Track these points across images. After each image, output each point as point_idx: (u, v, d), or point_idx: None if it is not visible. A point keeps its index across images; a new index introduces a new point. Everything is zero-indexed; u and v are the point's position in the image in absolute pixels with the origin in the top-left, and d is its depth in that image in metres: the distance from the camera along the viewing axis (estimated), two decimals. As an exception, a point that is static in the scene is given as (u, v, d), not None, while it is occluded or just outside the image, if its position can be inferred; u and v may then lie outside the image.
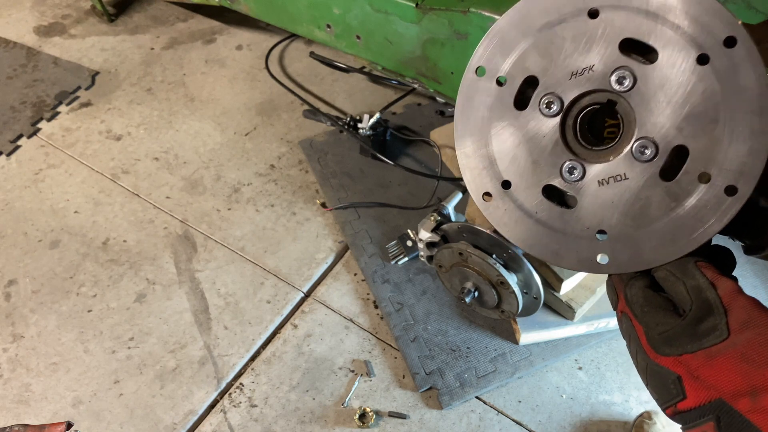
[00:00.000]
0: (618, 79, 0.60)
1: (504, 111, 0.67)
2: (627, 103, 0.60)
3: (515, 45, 0.64)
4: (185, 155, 1.75)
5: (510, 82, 0.65)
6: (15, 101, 1.91)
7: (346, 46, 1.29)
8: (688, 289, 0.53)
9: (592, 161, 0.63)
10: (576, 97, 0.63)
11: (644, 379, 0.57)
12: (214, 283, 1.47)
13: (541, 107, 0.64)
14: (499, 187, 0.69)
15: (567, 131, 0.64)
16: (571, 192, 0.64)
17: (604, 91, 0.61)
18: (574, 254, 0.65)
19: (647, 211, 0.61)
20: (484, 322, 1.34)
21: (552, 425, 1.22)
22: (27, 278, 1.50)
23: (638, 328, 0.56)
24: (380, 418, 1.24)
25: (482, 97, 0.68)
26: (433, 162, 1.65)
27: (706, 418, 0.49)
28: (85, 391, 1.31)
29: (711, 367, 0.49)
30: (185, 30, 2.13)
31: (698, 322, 0.50)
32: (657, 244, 0.60)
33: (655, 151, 0.59)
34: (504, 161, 0.68)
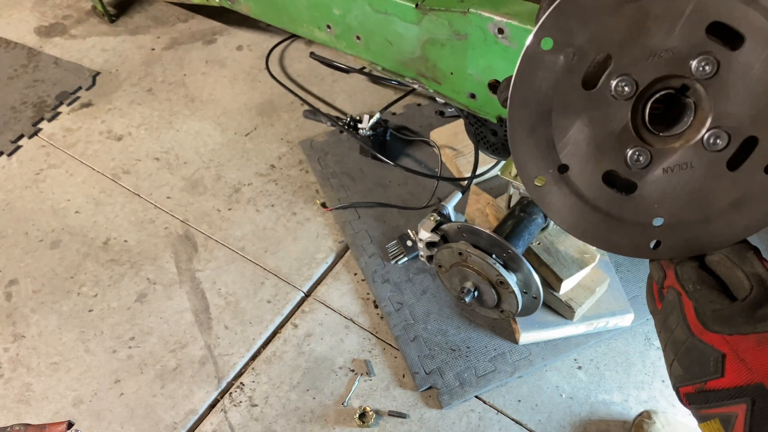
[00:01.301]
0: (699, 65, 0.55)
1: (570, 89, 0.60)
2: (703, 90, 0.57)
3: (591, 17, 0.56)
4: (186, 155, 1.75)
5: (581, 59, 0.58)
6: (16, 101, 1.91)
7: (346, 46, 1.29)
8: (747, 275, 0.54)
9: (660, 148, 0.60)
10: (652, 81, 0.58)
11: (673, 353, 0.57)
12: (214, 283, 1.47)
13: (613, 89, 0.59)
14: (555, 172, 0.64)
15: (636, 116, 0.60)
16: (633, 179, 0.61)
17: (681, 77, 0.57)
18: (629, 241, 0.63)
19: (709, 201, 0.59)
20: (483, 322, 1.35)
21: (551, 425, 1.23)
22: (28, 278, 1.50)
23: (687, 303, 0.56)
24: (380, 417, 1.24)
25: (546, 72, 0.59)
26: (433, 162, 1.66)
27: (740, 400, 0.49)
28: (86, 390, 1.31)
29: (760, 352, 0.49)
30: (186, 30, 2.13)
31: (757, 307, 0.51)
32: (714, 231, 0.59)
33: (728, 140, 0.57)
34: (565, 145, 0.62)
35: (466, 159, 1.60)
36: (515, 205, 1.23)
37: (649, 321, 1.36)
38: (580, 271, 1.25)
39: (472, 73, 1.10)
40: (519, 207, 1.21)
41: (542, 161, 0.64)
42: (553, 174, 0.64)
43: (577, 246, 1.28)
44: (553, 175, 0.64)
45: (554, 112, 0.61)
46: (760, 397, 0.48)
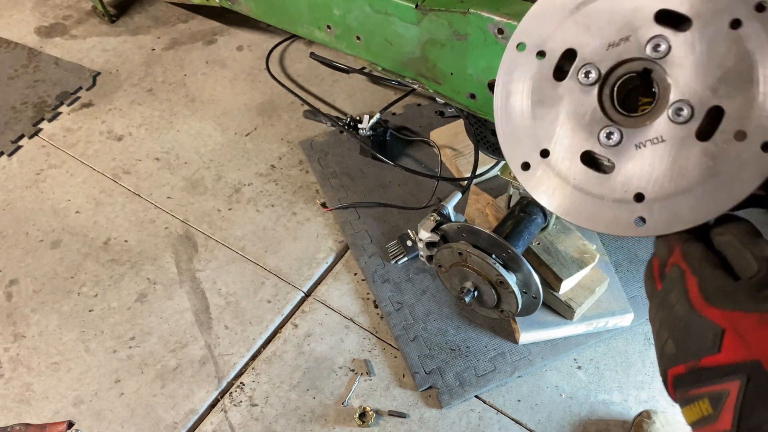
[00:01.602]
0: (653, 47, 0.62)
1: (544, 82, 0.69)
2: (662, 70, 0.62)
3: (554, 21, 0.68)
4: (186, 155, 1.75)
5: (549, 56, 0.69)
6: (16, 102, 1.92)
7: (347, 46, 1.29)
8: (756, 257, 0.53)
9: (629, 126, 0.65)
10: (613, 66, 0.65)
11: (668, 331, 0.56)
12: (214, 283, 1.47)
13: (580, 77, 0.67)
14: (538, 156, 0.71)
15: (605, 99, 0.67)
16: (609, 156, 0.66)
17: (640, 59, 0.64)
18: (612, 218, 0.66)
19: (685, 172, 0.62)
20: (483, 322, 1.35)
21: (551, 424, 1.23)
22: (28, 278, 1.50)
23: (691, 279, 0.55)
24: (380, 417, 1.24)
25: (523, 69, 0.70)
26: (433, 162, 1.66)
27: (734, 377, 0.48)
28: (86, 390, 1.31)
29: (761, 331, 0.48)
30: (186, 31, 2.14)
31: (762, 287, 0.50)
32: (695, 203, 0.61)
33: (691, 112, 0.61)
34: (544, 131, 0.70)
35: (466, 159, 1.60)
36: (515, 205, 1.23)
37: (648, 321, 1.36)
38: (579, 271, 1.25)
39: (472, 73, 1.11)
40: (519, 207, 1.21)
41: (527, 147, 0.72)
42: (537, 159, 0.71)
43: (577, 246, 1.28)
44: (536, 159, 0.71)
45: (533, 104, 0.71)
46: (755, 375, 0.47)
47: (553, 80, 0.69)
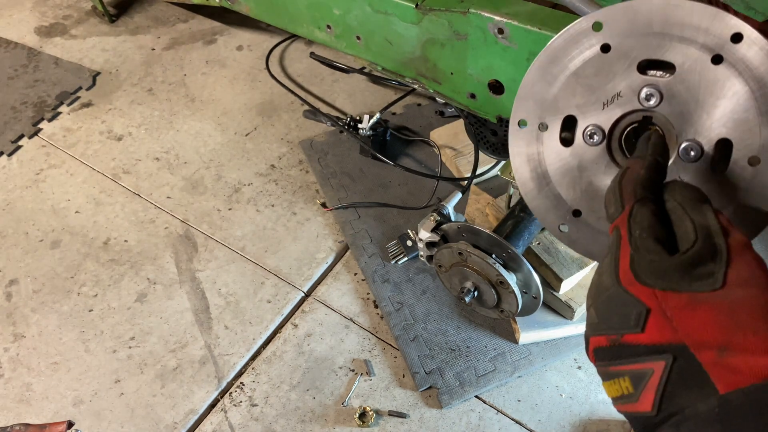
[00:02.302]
0: (646, 97, 0.65)
1: (554, 152, 0.73)
2: (662, 115, 0.65)
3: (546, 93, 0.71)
4: (186, 155, 1.75)
5: (552, 126, 0.72)
6: (16, 101, 1.92)
7: (346, 46, 1.29)
8: (696, 226, 0.49)
9: None
10: (614, 123, 0.68)
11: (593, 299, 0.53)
12: (214, 283, 1.47)
13: (586, 139, 0.70)
14: (571, 217, 0.74)
15: (615, 153, 0.70)
16: None
17: (637, 111, 0.67)
18: None
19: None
20: (483, 322, 1.35)
21: (551, 424, 1.23)
22: (28, 278, 1.50)
23: (624, 249, 0.51)
24: (380, 417, 1.24)
25: (531, 144, 0.74)
26: (433, 162, 1.66)
27: (658, 357, 0.46)
28: (86, 390, 1.31)
29: (689, 312, 0.46)
30: (186, 30, 2.14)
31: (696, 264, 0.47)
32: None
33: (700, 149, 0.64)
34: (568, 193, 0.74)
35: (466, 159, 1.60)
36: (515, 205, 1.23)
37: (648, 321, 1.36)
38: (579, 271, 1.25)
39: (472, 73, 1.11)
40: (519, 207, 1.21)
41: (557, 211, 0.75)
42: (570, 219, 0.75)
43: (577, 246, 1.28)
44: (570, 220, 0.75)
45: (550, 173, 0.74)
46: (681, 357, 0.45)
47: (562, 147, 0.72)
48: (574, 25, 0.67)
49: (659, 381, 0.46)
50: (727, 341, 0.44)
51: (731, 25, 0.59)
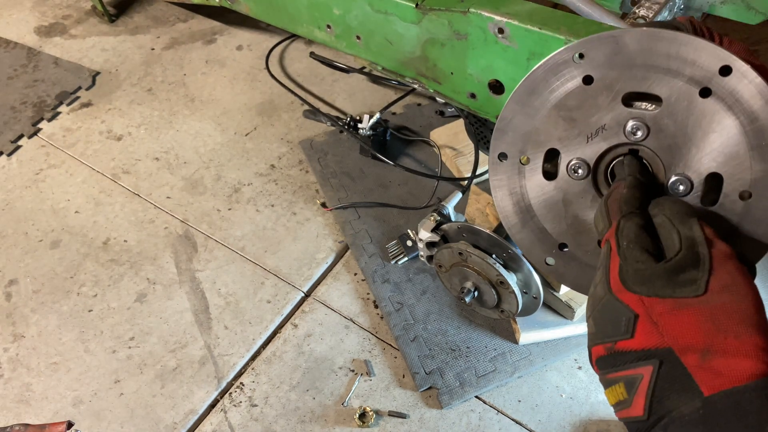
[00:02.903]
0: (632, 131, 0.63)
1: (538, 185, 0.71)
2: (649, 149, 0.63)
3: (527, 126, 0.68)
4: (186, 155, 1.75)
5: (534, 160, 0.70)
6: (16, 101, 1.91)
7: (346, 46, 1.29)
8: (681, 237, 0.51)
9: None
10: (599, 157, 0.66)
11: (590, 310, 0.55)
12: (214, 283, 1.47)
13: (570, 173, 0.68)
14: (558, 251, 0.73)
15: (601, 186, 0.68)
16: None
17: (624, 144, 0.64)
18: None
19: None
20: (483, 322, 1.35)
21: (552, 425, 1.23)
22: (28, 278, 1.50)
23: (614, 260, 0.53)
24: (380, 417, 1.24)
25: (512, 180, 0.72)
26: (433, 162, 1.66)
27: (647, 362, 0.48)
28: (86, 390, 1.31)
29: (674, 317, 0.48)
30: (186, 30, 2.13)
31: (679, 270, 0.49)
32: None
33: (690, 184, 0.62)
34: (553, 227, 0.72)
35: (466, 159, 1.60)
36: (515, 205, 1.22)
37: (649, 321, 1.35)
38: (580, 271, 1.25)
39: (472, 73, 1.10)
40: (519, 207, 1.20)
41: (543, 245, 0.73)
42: (556, 253, 0.73)
43: (577, 246, 1.27)
44: (556, 254, 0.73)
45: (534, 207, 0.72)
46: (667, 361, 0.47)
47: (546, 181, 0.70)
48: (554, 55, 0.65)
49: (648, 385, 0.47)
50: (709, 344, 0.45)
51: (720, 58, 0.57)
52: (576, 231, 0.70)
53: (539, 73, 0.66)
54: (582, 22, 0.95)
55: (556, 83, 0.66)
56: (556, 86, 0.66)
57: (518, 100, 0.69)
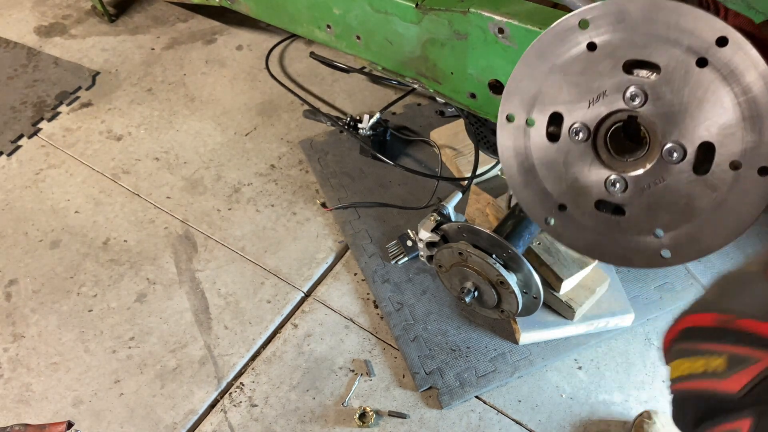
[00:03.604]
0: (631, 97, 0.65)
1: (541, 147, 0.73)
2: (647, 116, 0.65)
3: (533, 89, 0.71)
4: (186, 155, 1.75)
5: (539, 122, 0.72)
6: (16, 101, 1.91)
7: (346, 46, 1.29)
8: None
9: (630, 172, 0.69)
10: (599, 121, 0.68)
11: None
12: (214, 283, 1.47)
13: (572, 136, 0.70)
14: (557, 211, 0.75)
15: (600, 151, 0.70)
16: (620, 201, 0.70)
17: (623, 110, 0.67)
18: (641, 255, 0.71)
19: (693, 205, 0.66)
20: (483, 322, 1.35)
21: (552, 425, 1.23)
22: (27, 278, 1.50)
23: None
24: (380, 417, 1.24)
25: (518, 140, 0.75)
26: (433, 162, 1.65)
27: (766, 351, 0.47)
28: (86, 390, 1.31)
29: None
30: (186, 30, 2.13)
31: None
32: (711, 232, 0.66)
33: (683, 151, 0.64)
34: (554, 188, 0.74)
35: (466, 159, 1.59)
36: (515, 205, 1.22)
37: (649, 321, 1.35)
38: (580, 271, 1.25)
39: (472, 72, 1.10)
40: (519, 207, 1.20)
41: (544, 204, 0.76)
42: (556, 213, 0.75)
43: (578, 246, 1.27)
44: (555, 213, 0.75)
45: (537, 167, 0.74)
46: None
47: (549, 143, 0.72)
48: (561, 21, 0.66)
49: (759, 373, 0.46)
50: None
51: (717, 29, 0.58)
52: (575, 193, 0.73)
53: (547, 38, 0.68)
54: (582, 22, 0.95)
55: (561, 49, 0.67)
56: (561, 51, 0.68)
57: (527, 63, 0.71)
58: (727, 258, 1.42)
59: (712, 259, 1.42)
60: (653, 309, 1.36)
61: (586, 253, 0.77)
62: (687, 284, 1.39)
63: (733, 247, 1.43)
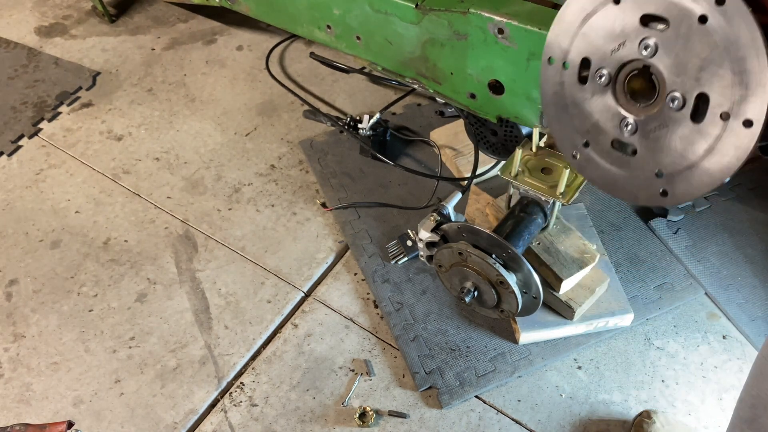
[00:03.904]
0: (645, 47, 0.74)
1: (573, 88, 0.83)
2: (657, 66, 0.74)
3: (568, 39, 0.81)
4: (186, 155, 1.75)
5: (571, 66, 0.82)
6: (16, 101, 1.92)
7: (346, 46, 1.29)
8: None
9: (641, 115, 0.78)
10: (619, 67, 0.78)
11: None
12: (214, 283, 1.47)
13: (596, 80, 0.80)
14: (582, 147, 0.85)
15: (619, 96, 0.79)
16: (632, 142, 0.80)
17: (637, 60, 0.76)
18: (643, 191, 0.81)
19: (689, 150, 0.74)
20: (483, 322, 1.35)
21: (551, 424, 1.23)
22: (28, 278, 1.50)
23: None
24: (380, 417, 1.24)
25: (556, 79, 0.84)
26: (433, 162, 1.66)
27: None
28: (86, 390, 1.31)
29: None
30: (186, 31, 2.14)
31: None
32: (700, 174, 0.74)
33: (683, 101, 0.72)
34: (580, 126, 0.84)
35: (466, 159, 1.60)
36: (515, 205, 1.23)
37: (648, 321, 1.36)
38: (580, 271, 1.25)
39: (472, 73, 1.11)
40: (519, 207, 1.21)
41: (571, 140, 0.86)
42: (581, 149, 0.86)
43: (577, 246, 1.28)
44: (580, 149, 0.86)
45: (569, 106, 0.84)
46: None
47: (579, 84, 0.82)
48: None
49: None
50: None
51: None
52: (596, 131, 0.83)
53: None
54: (581, 23, 0.95)
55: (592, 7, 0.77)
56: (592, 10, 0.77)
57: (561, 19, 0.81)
58: (726, 258, 1.43)
59: (711, 259, 1.42)
60: (653, 309, 1.36)
61: (602, 187, 0.85)
62: (686, 284, 1.39)
63: (732, 247, 1.44)
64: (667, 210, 1.50)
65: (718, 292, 1.38)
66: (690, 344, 1.32)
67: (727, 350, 1.31)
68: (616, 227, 1.49)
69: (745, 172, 1.58)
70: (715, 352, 1.31)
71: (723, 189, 1.54)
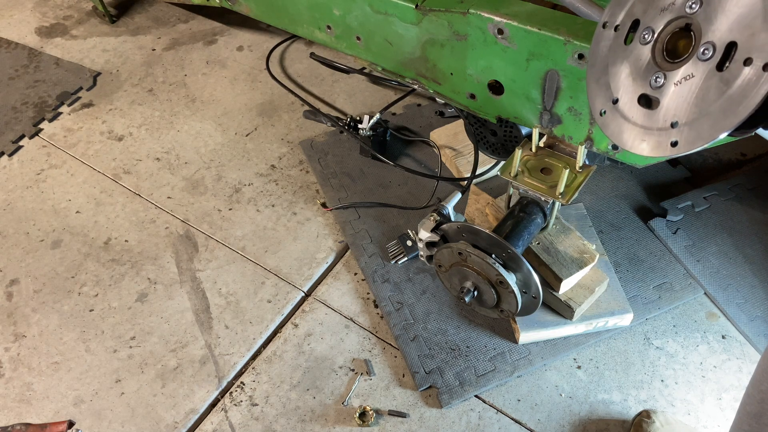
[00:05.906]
0: (690, 5, 0.77)
1: (617, 48, 0.87)
2: (697, 23, 0.77)
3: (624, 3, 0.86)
4: (186, 155, 1.75)
5: (622, 27, 0.86)
6: (17, 102, 1.92)
7: (347, 47, 1.30)
8: None
9: (672, 71, 0.81)
10: (664, 25, 0.81)
11: None
12: (215, 283, 1.47)
13: (641, 39, 0.83)
14: (611, 104, 0.89)
15: (656, 53, 0.83)
16: (656, 95, 0.83)
17: (682, 17, 0.79)
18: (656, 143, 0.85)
19: (706, 98, 0.77)
20: (483, 322, 1.35)
21: (551, 424, 1.23)
22: (29, 278, 1.50)
23: None
24: (380, 416, 1.25)
25: (605, 41, 0.89)
26: (433, 162, 1.66)
27: None
28: (87, 390, 1.32)
29: None
30: (186, 31, 2.14)
31: None
32: (712, 122, 0.77)
33: (713, 50, 0.75)
34: (616, 84, 0.88)
35: (465, 159, 1.60)
36: (515, 205, 1.23)
37: (648, 321, 1.36)
38: (579, 271, 1.25)
39: (471, 73, 1.11)
40: (518, 207, 1.21)
41: (603, 97, 0.90)
42: (609, 105, 0.90)
43: (577, 246, 1.28)
44: (609, 107, 0.90)
45: (609, 66, 0.89)
46: None
47: (624, 45, 0.86)
48: None
49: None
50: None
51: None
52: (627, 88, 0.86)
53: None
54: (581, 23, 0.96)
55: None
56: None
57: None
58: (726, 258, 1.43)
59: (710, 259, 1.43)
60: (652, 309, 1.36)
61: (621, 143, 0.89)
62: (686, 284, 1.40)
63: (731, 247, 1.44)
64: (667, 210, 1.50)
65: (718, 291, 1.38)
66: (689, 344, 1.33)
67: (727, 350, 1.32)
68: (615, 227, 1.50)
69: (745, 173, 1.58)
70: (715, 351, 1.31)
71: (723, 189, 1.54)
